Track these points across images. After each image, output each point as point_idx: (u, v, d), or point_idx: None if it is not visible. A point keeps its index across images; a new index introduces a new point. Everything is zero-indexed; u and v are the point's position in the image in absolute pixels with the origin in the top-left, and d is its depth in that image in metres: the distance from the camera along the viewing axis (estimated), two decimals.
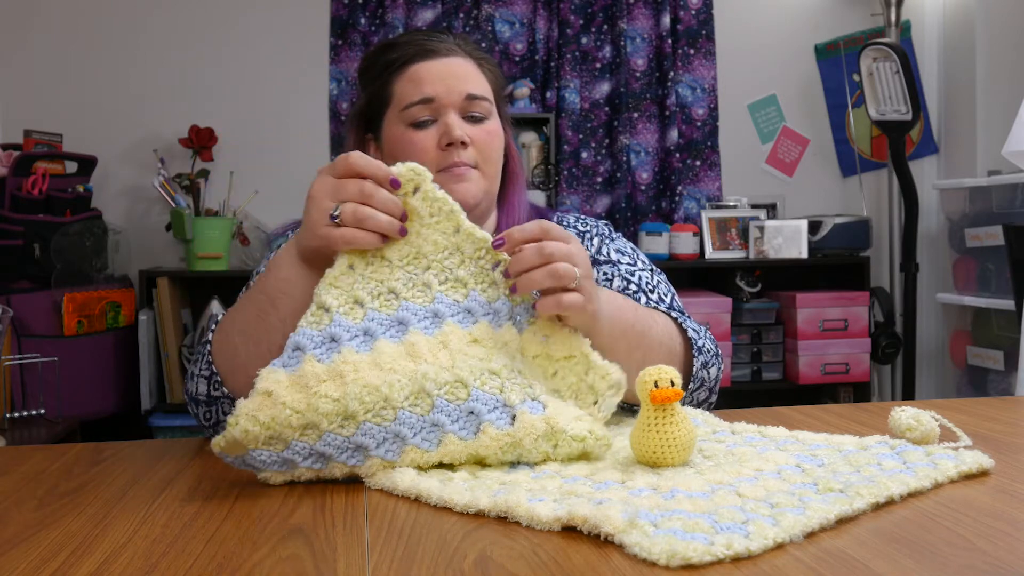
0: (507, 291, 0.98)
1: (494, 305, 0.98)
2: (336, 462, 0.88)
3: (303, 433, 0.87)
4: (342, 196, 0.96)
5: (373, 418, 0.87)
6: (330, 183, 0.98)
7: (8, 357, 2.57)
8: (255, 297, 1.04)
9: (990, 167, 3.17)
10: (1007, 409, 1.22)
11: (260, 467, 0.88)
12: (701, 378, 1.18)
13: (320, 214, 0.97)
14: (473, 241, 0.99)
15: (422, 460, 0.89)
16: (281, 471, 0.89)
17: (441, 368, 0.91)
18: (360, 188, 0.96)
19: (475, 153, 1.27)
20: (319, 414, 0.86)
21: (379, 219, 0.95)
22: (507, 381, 0.92)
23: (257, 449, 0.86)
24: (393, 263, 0.97)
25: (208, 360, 1.07)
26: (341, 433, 0.87)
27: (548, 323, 0.98)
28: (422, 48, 1.30)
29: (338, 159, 0.99)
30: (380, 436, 0.88)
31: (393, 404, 0.88)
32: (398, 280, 0.96)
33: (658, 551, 0.64)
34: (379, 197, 0.96)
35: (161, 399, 3.03)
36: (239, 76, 3.31)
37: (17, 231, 2.71)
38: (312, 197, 0.98)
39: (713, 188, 3.49)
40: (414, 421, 0.89)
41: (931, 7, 3.53)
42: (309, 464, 0.88)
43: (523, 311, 0.98)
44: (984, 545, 0.68)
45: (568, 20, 3.37)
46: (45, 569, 0.68)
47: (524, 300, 0.98)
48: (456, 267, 0.98)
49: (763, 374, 3.26)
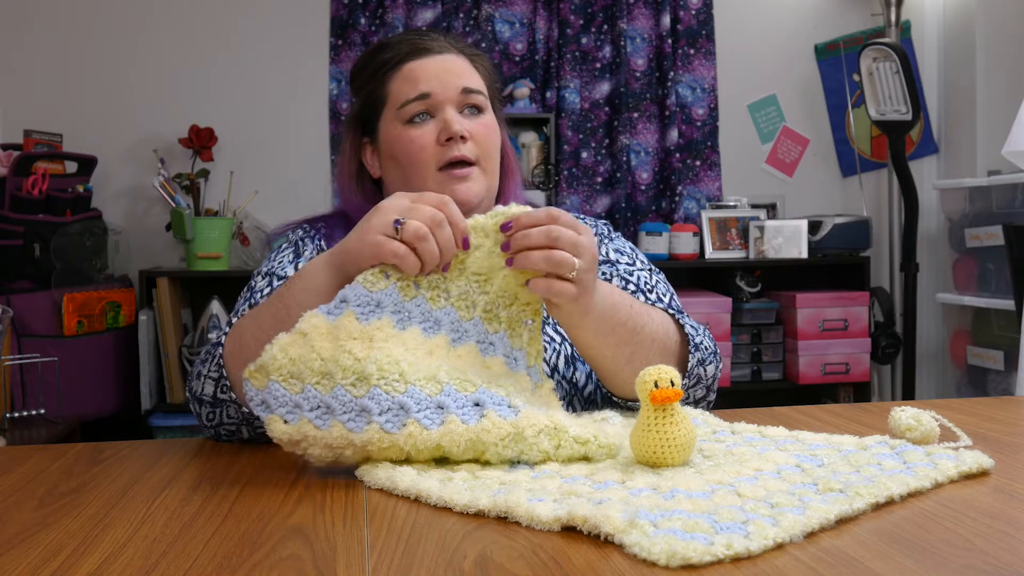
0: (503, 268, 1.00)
1: (515, 353, 1.01)
2: (337, 419, 0.89)
3: (319, 381, 0.90)
4: (413, 214, 0.97)
5: (385, 385, 0.90)
6: (405, 202, 1.00)
7: (8, 357, 2.57)
8: (273, 304, 1.04)
9: (990, 167, 3.17)
10: (1007, 409, 1.22)
11: (272, 405, 0.90)
12: (697, 375, 1.18)
13: (383, 224, 0.97)
14: (528, 294, 1.01)
15: (421, 438, 0.89)
16: (287, 422, 0.90)
17: (454, 368, 0.95)
18: (432, 215, 0.97)
19: (474, 147, 1.26)
20: (338, 366, 0.90)
21: (432, 248, 0.97)
22: (513, 394, 0.95)
23: (277, 384, 0.90)
24: (465, 271, 1.00)
25: (219, 363, 1.07)
26: (351, 391, 0.89)
27: (548, 394, 1.02)
28: (415, 46, 1.30)
29: (425, 192, 1.01)
30: (385, 404, 0.89)
31: (406, 379, 0.91)
32: (456, 287, 0.99)
33: (658, 551, 0.64)
34: (444, 232, 0.97)
35: (161, 399, 3.03)
36: (239, 76, 3.31)
37: (17, 231, 2.71)
38: (380, 209, 1.00)
39: (713, 188, 3.49)
40: (421, 397, 0.90)
41: (931, 7, 3.53)
42: (313, 416, 0.90)
43: (533, 373, 1.02)
44: (984, 545, 0.68)
45: (568, 20, 3.37)
46: (45, 569, 0.68)
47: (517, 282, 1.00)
48: (502, 307, 1.01)
49: (763, 374, 3.26)
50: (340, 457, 0.91)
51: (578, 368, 1.22)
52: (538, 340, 1.03)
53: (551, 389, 1.02)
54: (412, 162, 1.26)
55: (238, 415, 1.07)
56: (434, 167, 1.26)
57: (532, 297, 1.01)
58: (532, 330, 1.02)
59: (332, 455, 0.91)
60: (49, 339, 2.72)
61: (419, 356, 0.94)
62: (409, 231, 0.96)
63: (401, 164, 1.28)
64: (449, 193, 1.26)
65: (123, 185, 3.27)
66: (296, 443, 0.91)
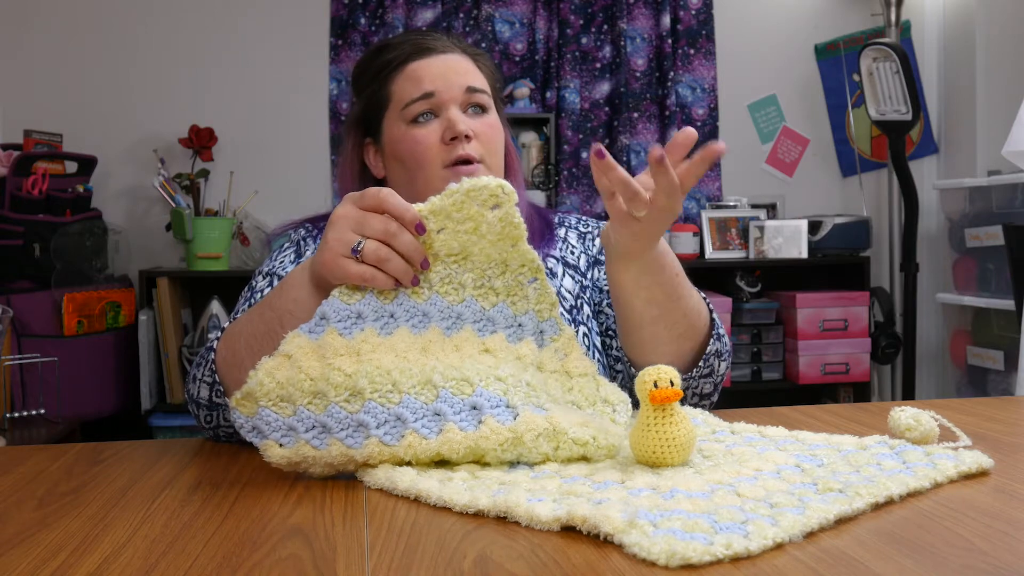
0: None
1: (520, 318, 0.99)
2: (335, 437, 0.88)
3: (311, 401, 0.89)
4: (365, 230, 0.94)
5: (379, 398, 0.89)
6: (355, 215, 0.95)
7: (8, 357, 2.57)
8: (264, 312, 1.02)
9: (990, 167, 3.17)
10: (1007, 409, 1.22)
11: (265, 431, 0.89)
12: (712, 365, 1.17)
13: (340, 244, 0.94)
14: (520, 256, 1.00)
15: (420, 448, 0.89)
16: (283, 446, 0.89)
17: (449, 366, 0.93)
18: (385, 227, 0.93)
19: (479, 146, 1.26)
20: (329, 384, 0.89)
21: (397, 264, 0.94)
22: (511, 388, 0.94)
23: (267, 409, 0.89)
24: (439, 256, 0.97)
25: (212, 368, 1.07)
26: (346, 408, 0.89)
27: (568, 341, 1.00)
28: (418, 46, 1.30)
29: (368, 191, 0.96)
30: (382, 416, 0.89)
31: (400, 389, 0.90)
32: (436, 273, 0.97)
33: (658, 551, 0.64)
34: (402, 239, 0.94)
35: (161, 399, 3.04)
36: (239, 76, 3.31)
37: (17, 231, 2.71)
38: (334, 224, 0.96)
39: (713, 188, 3.49)
40: (417, 407, 0.90)
41: (931, 7, 3.53)
42: (310, 437, 0.89)
43: (549, 326, 1.00)
44: (984, 545, 0.68)
45: (568, 20, 3.37)
46: (45, 569, 0.68)
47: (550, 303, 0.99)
48: (495, 277, 0.99)
49: (763, 374, 3.26)
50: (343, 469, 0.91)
51: None
52: (549, 293, 1.00)
53: (571, 337, 1.01)
54: (417, 162, 1.26)
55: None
56: (439, 166, 1.25)
57: (527, 257, 0.99)
58: (539, 287, 1.00)
59: (334, 471, 0.91)
60: (49, 339, 2.72)
61: (412, 359, 0.93)
62: (369, 256, 0.93)
63: (406, 164, 1.28)
64: None
65: (123, 185, 3.27)
66: (296, 464, 0.90)
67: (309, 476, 0.92)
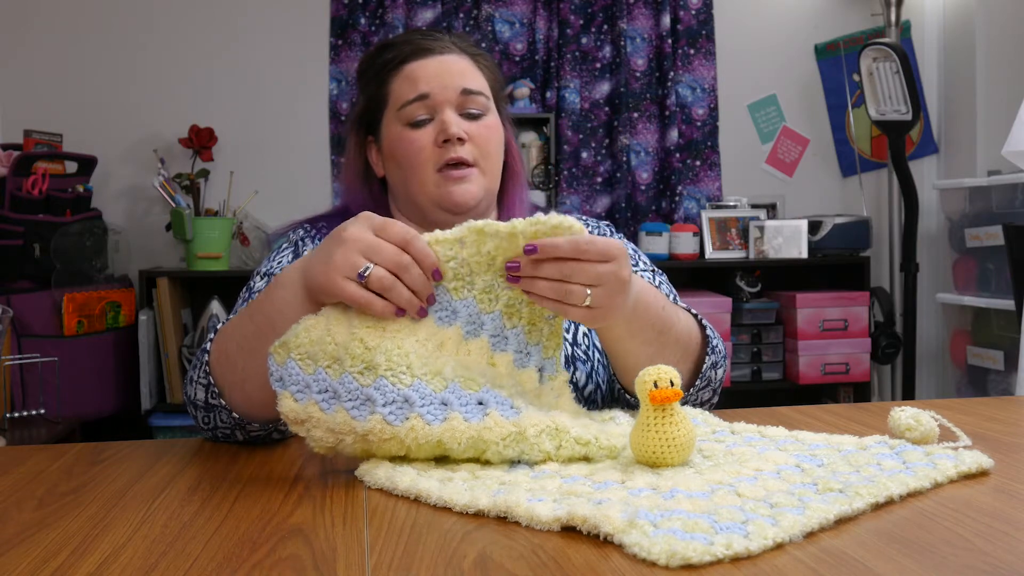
0: (502, 278, 0.97)
1: (529, 348, 1.00)
2: (342, 405, 0.89)
3: (330, 365, 0.91)
4: (375, 257, 0.91)
5: (391, 377, 0.90)
6: (368, 240, 0.92)
7: (8, 357, 2.57)
8: (255, 314, 1.01)
9: (990, 167, 3.17)
10: (1007, 409, 1.22)
11: (287, 381, 0.91)
12: (708, 377, 1.18)
13: (347, 267, 0.91)
14: None
15: (422, 432, 0.89)
16: (297, 401, 0.91)
17: (460, 365, 0.95)
18: (397, 259, 0.91)
19: (473, 149, 1.26)
20: (347, 353, 0.90)
21: (402, 294, 0.92)
22: (516, 399, 0.95)
23: (293, 362, 0.91)
24: (494, 263, 0.96)
25: (206, 369, 1.06)
26: (358, 379, 0.90)
27: (562, 384, 1.01)
28: (417, 47, 1.30)
29: (395, 226, 0.93)
30: (390, 396, 0.89)
31: (413, 372, 0.91)
32: (483, 279, 0.97)
33: (658, 551, 0.64)
34: (412, 274, 0.92)
35: (161, 399, 3.03)
36: (239, 76, 3.31)
37: (17, 231, 2.71)
38: (344, 242, 0.93)
39: (713, 188, 3.49)
40: (426, 392, 0.91)
41: (931, 7, 3.53)
42: (320, 399, 0.90)
43: (549, 364, 1.01)
44: (984, 545, 0.68)
45: (568, 20, 3.37)
46: (45, 569, 0.68)
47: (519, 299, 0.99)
48: (525, 303, 0.99)
49: (763, 374, 3.26)
50: (340, 444, 0.91)
51: (579, 368, 1.22)
52: (559, 334, 1.01)
53: (565, 381, 1.01)
54: (411, 163, 1.26)
55: (230, 420, 1.06)
56: (432, 169, 1.25)
57: None
58: (553, 324, 1.01)
59: (333, 439, 0.91)
60: (49, 339, 2.72)
61: (429, 349, 0.94)
62: (374, 283, 0.91)
63: (401, 165, 1.28)
64: (447, 194, 1.26)
65: (123, 185, 3.27)
66: (301, 422, 0.91)
67: (308, 442, 0.92)
